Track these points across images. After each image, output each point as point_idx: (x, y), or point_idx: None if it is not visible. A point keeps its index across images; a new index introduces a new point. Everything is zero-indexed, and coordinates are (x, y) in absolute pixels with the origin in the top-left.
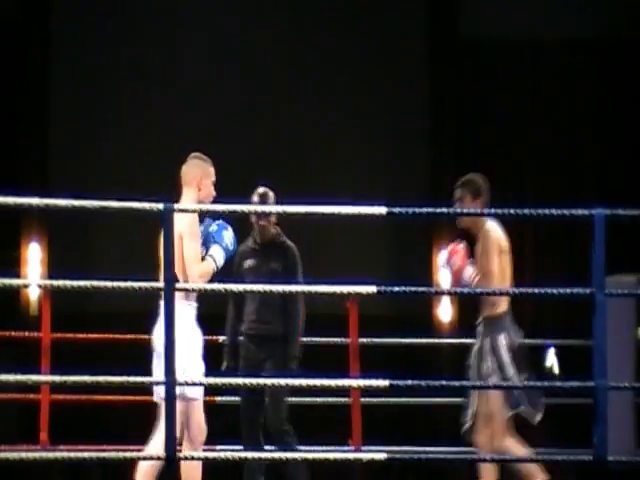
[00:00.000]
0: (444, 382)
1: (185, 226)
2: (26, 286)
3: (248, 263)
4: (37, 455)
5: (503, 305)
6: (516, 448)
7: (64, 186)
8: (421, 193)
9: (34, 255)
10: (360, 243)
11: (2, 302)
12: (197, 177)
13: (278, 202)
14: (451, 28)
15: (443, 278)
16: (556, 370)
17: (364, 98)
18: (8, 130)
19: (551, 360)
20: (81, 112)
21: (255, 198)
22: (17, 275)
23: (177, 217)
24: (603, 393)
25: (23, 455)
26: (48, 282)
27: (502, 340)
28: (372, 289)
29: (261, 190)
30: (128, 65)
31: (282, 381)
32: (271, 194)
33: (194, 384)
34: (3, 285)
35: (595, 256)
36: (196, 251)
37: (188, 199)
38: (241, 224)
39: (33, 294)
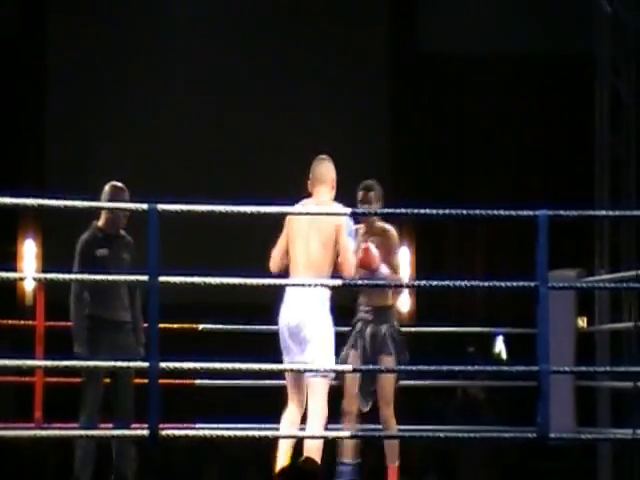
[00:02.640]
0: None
1: (343, 221)
2: (22, 279)
3: (101, 252)
4: (32, 433)
5: (395, 297)
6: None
7: (60, 183)
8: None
9: (30, 250)
10: None
11: (0, 293)
12: (333, 177)
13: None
14: (410, 43)
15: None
16: (504, 356)
17: (326, 112)
18: (5, 130)
19: (499, 347)
20: (78, 112)
21: None
22: (14, 269)
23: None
24: (546, 376)
25: (19, 433)
26: (42, 275)
27: (391, 328)
28: (338, 282)
29: None
30: (127, 65)
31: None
32: None
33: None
34: (1, 279)
35: (539, 253)
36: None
37: (327, 197)
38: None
39: (28, 286)
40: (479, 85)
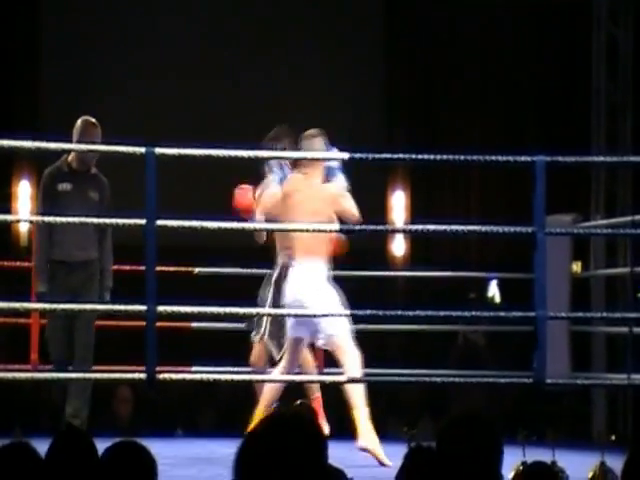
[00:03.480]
0: (401, 312)
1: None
2: (18, 221)
3: (63, 186)
4: (29, 375)
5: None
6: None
7: (55, 124)
8: (376, 141)
9: (25, 191)
10: None
11: None
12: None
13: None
14: None
15: (395, 216)
16: (497, 300)
17: (318, 43)
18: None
19: (493, 291)
20: (73, 53)
21: None
22: (9, 210)
23: None
24: (543, 322)
25: (15, 375)
26: (39, 218)
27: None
28: (335, 226)
29: None
30: (123, 17)
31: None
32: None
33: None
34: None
35: (536, 199)
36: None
37: (319, 179)
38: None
39: (23, 227)
40: (474, 29)
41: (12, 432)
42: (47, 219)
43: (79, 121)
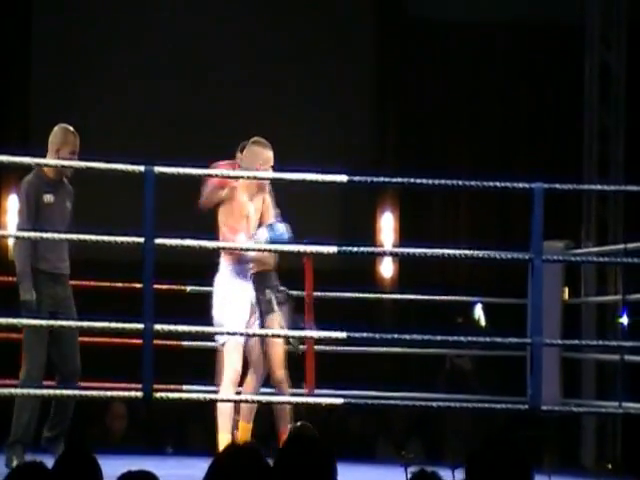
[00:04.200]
0: (396, 335)
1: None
2: (5, 237)
3: (47, 198)
4: (20, 391)
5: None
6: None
7: (45, 136)
8: (364, 162)
9: (13, 205)
10: (308, 204)
11: None
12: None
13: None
14: (397, 8)
15: (384, 238)
16: (482, 323)
17: (310, 72)
18: None
19: (478, 313)
20: (65, 64)
21: None
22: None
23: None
24: (538, 348)
25: (5, 391)
26: (31, 234)
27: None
28: (333, 249)
29: None
30: (112, 27)
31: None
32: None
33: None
34: None
35: (534, 225)
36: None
37: None
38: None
39: (11, 241)
40: (467, 53)
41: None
42: (39, 234)
43: (57, 129)
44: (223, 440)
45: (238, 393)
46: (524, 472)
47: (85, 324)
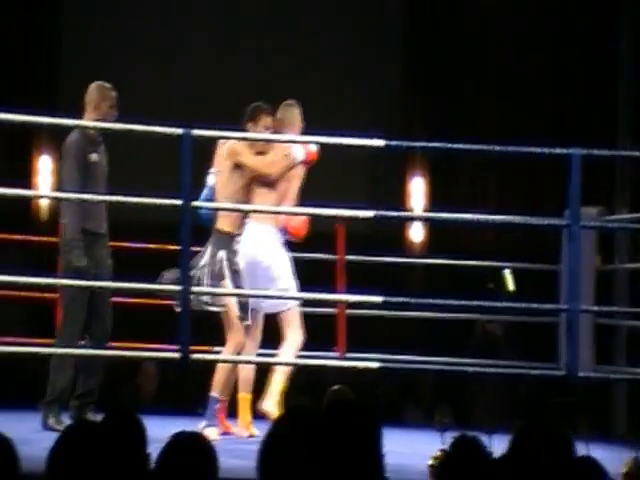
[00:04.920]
0: (433, 300)
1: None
2: (39, 197)
3: (93, 157)
4: (55, 350)
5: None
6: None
7: (75, 95)
8: (392, 126)
9: (45, 166)
10: (337, 168)
11: (13, 208)
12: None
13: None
14: None
15: (414, 202)
16: (511, 288)
17: (339, 36)
18: (20, 42)
19: (506, 278)
20: (96, 25)
21: None
22: (29, 184)
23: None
24: (575, 315)
25: (39, 350)
26: (62, 195)
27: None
28: (369, 214)
29: None
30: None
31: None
32: None
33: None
34: (18, 196)
35: (571, 192)
36: None
37: None
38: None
39: (43, 202)
40: (500, 10)
41: (36, 405)
42: (87, 196)
43: (94, 86)
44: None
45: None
46: (567, 443)
47: (125, 285)
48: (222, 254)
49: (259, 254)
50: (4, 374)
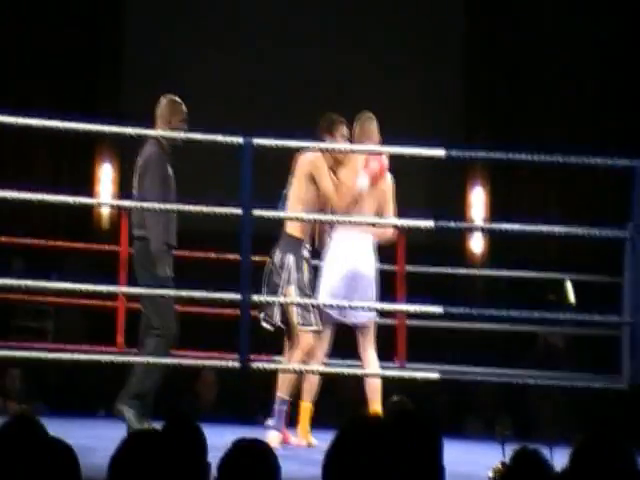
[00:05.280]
0: (493, 311)
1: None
2: (100, 205)
3: (170, 171)
4: (116, 357)
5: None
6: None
7: (137, 104)
8: (454, 135)
9: (107, 174)
10: (399, 179)
11: (75, 216)
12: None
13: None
14: None
15: (474, 212)
16: (572, 299)
17: (398, 37)
18: (83, 51)
19: (568, 290)
20: (158, 33)
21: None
22: (91, 193)
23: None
24: (638, 327)
25: (102, 357)
26: (127, 203)
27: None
28: (430, 224)
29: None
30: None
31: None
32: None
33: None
34: (84, 204)
35: (634, 203)
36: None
37: None
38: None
39: (105, 210)
40: (558, 23)
41: (96, 412)
42: (132, 204)
43: (165, 101)
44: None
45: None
46: (630, 456)
47: (185, 293)
48: (290, 259)
49: (362, 266)
50: (64, 381)
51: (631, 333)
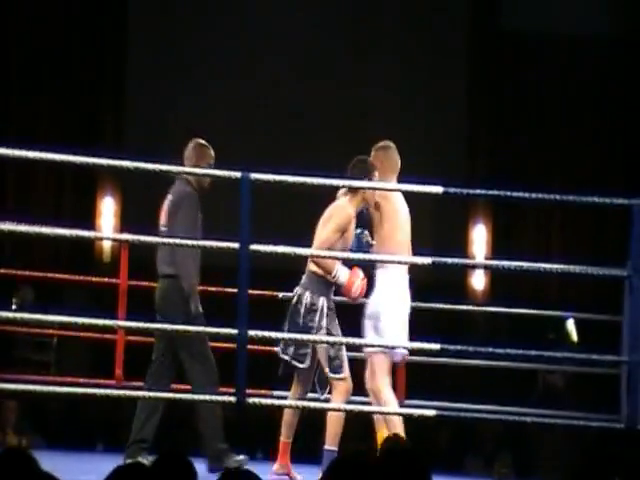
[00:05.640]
0: (491, 349)
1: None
2: (100, 239)
3: (200, 215)
4: (113, 392)
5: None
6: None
7: (139, 137)
8: (455, 173)
9: (108, 208)
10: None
11: (77, 249)
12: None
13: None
14: (490, 21)
15: (476, 249)
16: (574, 338)
17: (403, 79)
18: (86, 84)
19: (570, 329)
20: (159, 67)
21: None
22: (93, 226)
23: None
24: (636, 367)
25: (98, 391)
26: (131, 237)
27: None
28: (427, 260)
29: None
30: (210, 19)
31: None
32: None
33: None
34: (84, 237)
35: (633, 242)
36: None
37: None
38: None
39: (106, 243)
40: (558, 66)
41: (95, 447)
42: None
43: (192, 145)
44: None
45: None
46: None
47: (180, 328)
48: (323, 302)
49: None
50: (63, 414)
51: (628, 373)
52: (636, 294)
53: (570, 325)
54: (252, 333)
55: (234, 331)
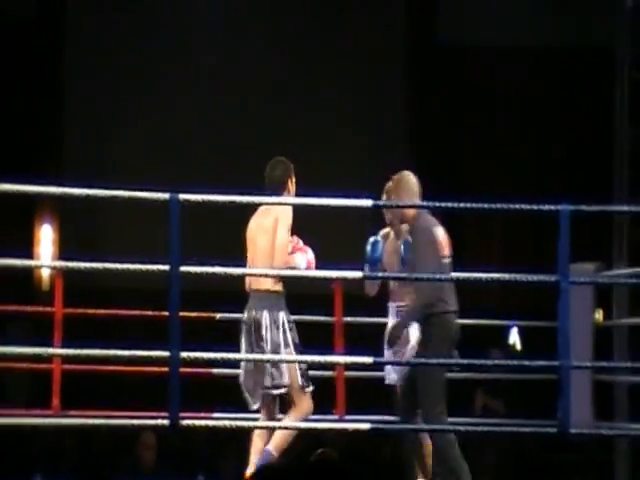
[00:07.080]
0: (423, 360)
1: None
2: (38, 267)
3: None
4: (49, 420)
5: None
6: None
7: (79, 166)
8: None
9: (46, 235)
10: (340, 228)
11: (15, 278)
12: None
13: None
14: (427, 36)
15: None
16: (518, 347)
17: (344, 100)
18: (24, 115)
19: (514, 338)
20: (96, 97)
21: None
22: (30, 254)
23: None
24: (567, 372)
25: (36, 420)
26: (65, 264)
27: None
28: (358, 274)
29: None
30: (145, 51)
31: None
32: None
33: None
34: (22, 266)
35: (560, 247)
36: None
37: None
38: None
39: (45, 271)
40: (497, 79)
41: (33, 478)
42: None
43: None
44: None
45: None
46: None
47: (111, 353)
48: (283, 316)
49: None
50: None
51: (559, 377)
52: (564, 298)
53: (513, 335)
54: (184, 355)
55: (166, 353)
